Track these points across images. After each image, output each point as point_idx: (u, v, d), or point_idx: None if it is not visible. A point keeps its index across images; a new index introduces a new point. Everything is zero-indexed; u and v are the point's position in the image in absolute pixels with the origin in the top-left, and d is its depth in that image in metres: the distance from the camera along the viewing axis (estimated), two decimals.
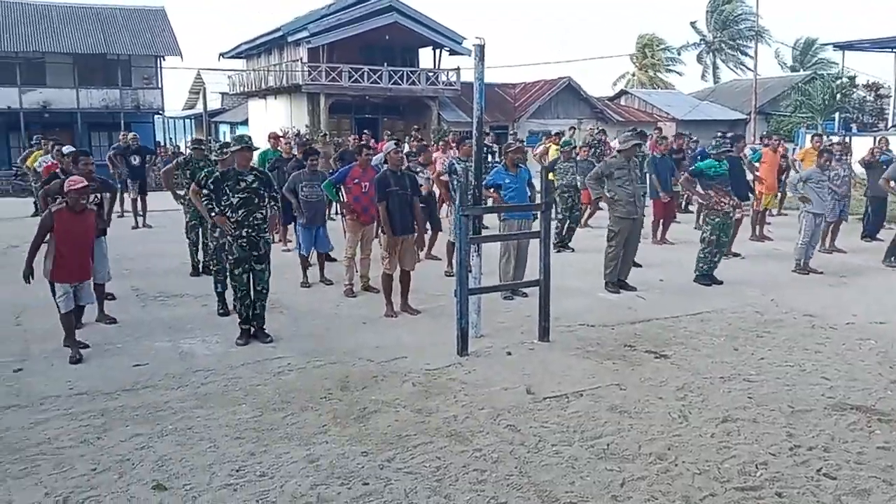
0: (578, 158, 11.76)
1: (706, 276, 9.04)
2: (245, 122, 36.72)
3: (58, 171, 10.47)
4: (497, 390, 5.41)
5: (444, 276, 9.40)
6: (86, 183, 6.19)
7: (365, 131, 16.55)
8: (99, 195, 7.14)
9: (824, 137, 15.70)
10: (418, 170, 9.47)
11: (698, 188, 9.14)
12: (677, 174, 11.46)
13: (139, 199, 13.92)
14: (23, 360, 6.12)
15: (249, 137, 6.95)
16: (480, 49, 5.99)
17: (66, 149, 10.24)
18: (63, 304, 6.12)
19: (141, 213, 13.86)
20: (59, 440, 4.57)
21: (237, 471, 4.18)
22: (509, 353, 6.28)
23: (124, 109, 29.82)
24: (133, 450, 4.43)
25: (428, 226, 9.23)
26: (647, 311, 7.80)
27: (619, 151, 8.87)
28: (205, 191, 6.69)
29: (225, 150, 7.70)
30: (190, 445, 4.50)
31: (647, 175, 12.02)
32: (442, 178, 9.99)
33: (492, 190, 8.19)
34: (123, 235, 11.93)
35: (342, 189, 8.71)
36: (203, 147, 9.95)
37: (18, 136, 27.99)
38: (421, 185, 8.58)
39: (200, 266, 9.47)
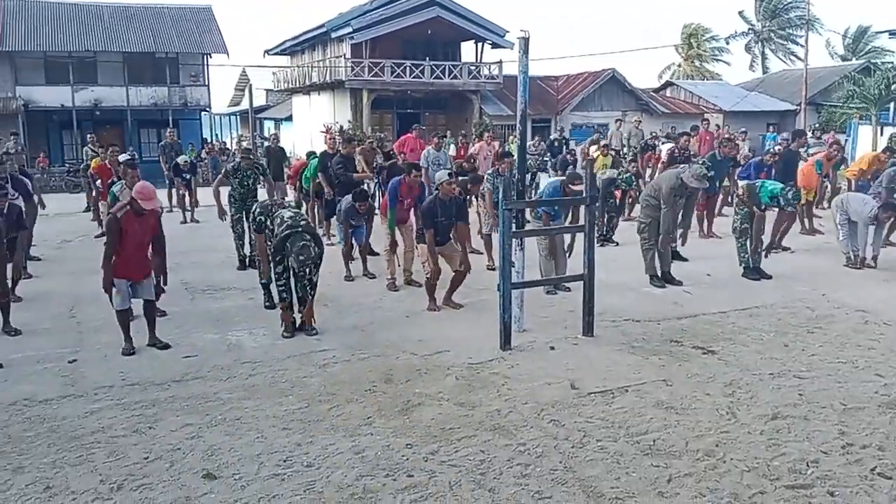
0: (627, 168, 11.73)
1: (754, 270, 8.86)
2: (289, 118, 37.19)
3: (114, 178, 10.79)
4: (540, 385, 5.39)
5: (486, 269, 9.40)
6: (155, 204, 6.30)
7: (415, 125, 16.47)
8: None
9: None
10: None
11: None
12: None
13: (187, 194, 14.22)
14: (77, 351, 6.31)
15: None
16: (525, 42, 5.95)
17: (122, 157, 10.56)
18: (118, 301, 6.25)
19: (189, 208, 14.15)
20: (113, 429, 4.70)
21: (284, 461, 4.25)
22: (552, 348, 6.25)
23: (172, 107, 30.45)
24: (183, 439, 4.54)
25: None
26: (693, 305, 7.67)
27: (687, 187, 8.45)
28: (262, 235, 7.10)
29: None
30: (238, 436, 4.59)
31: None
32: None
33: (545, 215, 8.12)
34: (172, 230, 12.16)
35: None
36: (252, 156, 10.11)
37: (71, 134, 28.84)
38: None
39: (247, 260, 9.63)
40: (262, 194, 9.90)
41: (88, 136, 17.58)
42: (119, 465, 4.21)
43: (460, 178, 8.87)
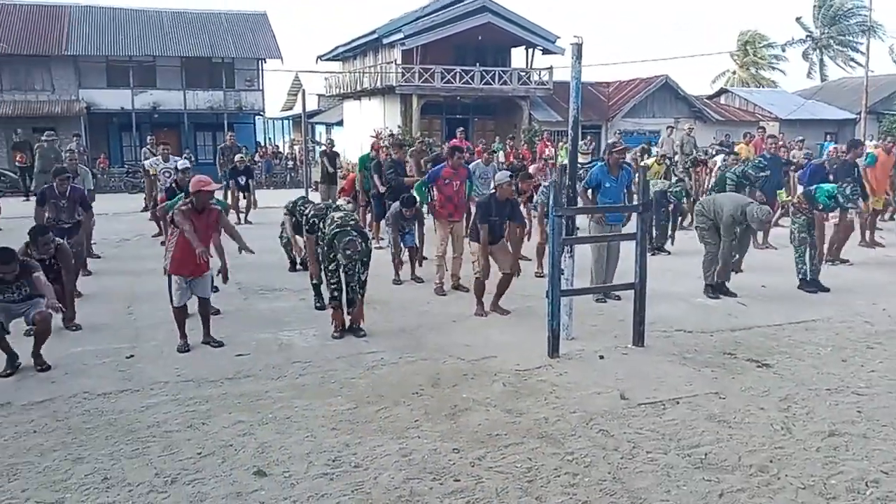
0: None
1: (812, 283, 8.63)
2: (340, 123, 37.63)
3: (174, 186, 11.09)
4: (589, 394, 5.34)
5: (535, 276, 9.35)
6: (214, 186, 6.49)
7: (460, 129, 16.59)
8: None
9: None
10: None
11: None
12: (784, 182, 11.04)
13: (241, 196, 14.51)
14: (134, 347, 6.49)
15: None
16: (578, 48, 5.93)
17: (181, 164, 10.84)
18: (177, 297, 6.41)
19: (244, 210, 14.43)
20: (168, 424, 4.82)
21: (333, 461, 4.30)
22: (602, 357, 6.19)
23: (227, 110, 31.12)
24: (235, 436, 4.62)
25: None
26: (748, 317, 7.51)
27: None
28: (313, 236, 7.28)
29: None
30: (289, 434, 4.65)
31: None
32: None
33: (589, 191, 8.05)
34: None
35: (433, 189, 8.81)
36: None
37: (130, 136, 29.69)
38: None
39: (297, 261, 9.78)
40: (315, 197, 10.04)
41: (149, 137, 18.07)
42: (173, 460, 4.31)
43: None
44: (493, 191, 7.66)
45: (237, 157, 14.89)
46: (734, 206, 8.12)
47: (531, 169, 13.31)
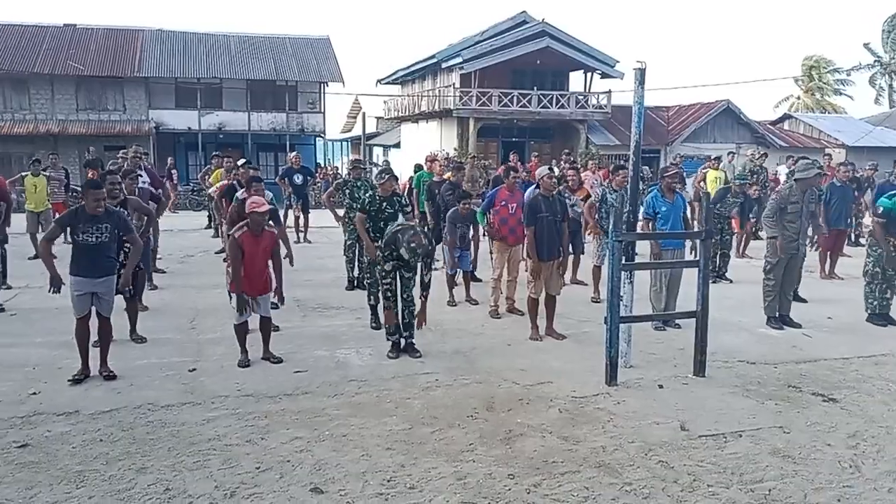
0: (750, 193, 11.27)
1: (881, 316, 8.30)
2: (397, 145, 38.11)
3: (234, 182, 11.39)
4: (648, 424, 5.23)
5: (591, 302, 9.26)
6: (268, 206, 6.64)
7: (513, 151, 16.72)
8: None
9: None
10: (566, 195, 9.42)
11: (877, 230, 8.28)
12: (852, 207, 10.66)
13: (301, 215, 14.77)
14: (196, 361, 6.64)
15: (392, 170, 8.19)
16: (641, 73, 5.89)
17: (242, 161, 11.11)
18: (238, 315, 6.56)
19: (302, 229, 14.70)
20: (228, 437, 4.91)
21: (388, 481, 4.31)
22: (661, 386, 6.06)
23: (290, 132, 31.86)
24: (293, 452, 4.68)
25: (571, 249, 9.12)
26: (813, 350, 7.27)
27: (796, 181, 8.17)
28: (364, 215, 7.59)
29: (382, 176, 8.14)
30: (345, 452, 4.69)
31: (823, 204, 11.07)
32: (593, 206, 9.73)
33: (646, 221, 7.95)
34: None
35: (489, 212, 8.83)
36: (361, 166, 10.44)
37: (196, 155, 30.65)
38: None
39: (355, 281, 9.91)
40: None
41: (212, 157, 18.49)
42: (232, 473, 4.39)
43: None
44: (536, 186, 7.66)
45: (292, 155, 15.14)
46: (781, 189, 8.19)
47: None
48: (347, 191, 9.90)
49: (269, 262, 6.64)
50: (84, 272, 6.03)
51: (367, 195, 8.16)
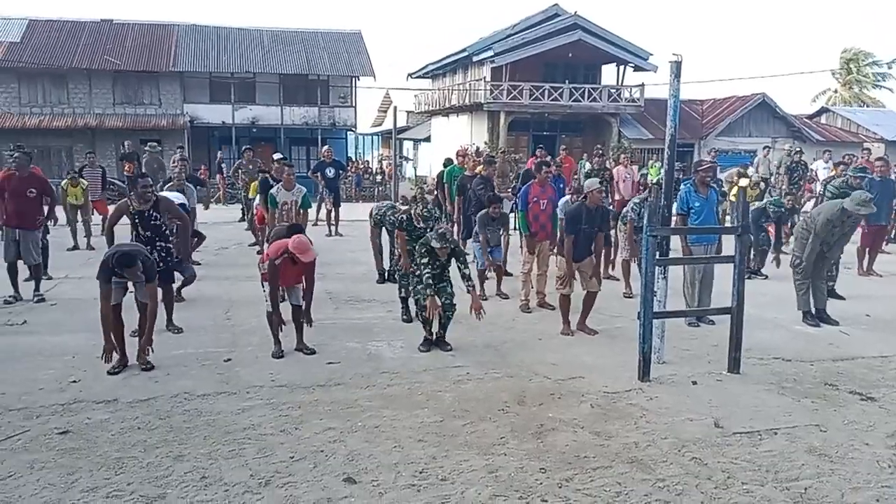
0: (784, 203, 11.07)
1: None
2: (427, 139, 38.17)
3: (268, 176, 11.53)
4: (681, 420, 5.19)
5: (623, 297, 9.20)
6: (311, 256, 6.56)
7: (540, 146, 16.59)
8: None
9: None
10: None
11: None
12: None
13: (333, 209, 14.87)
14: (231, 351, 6.74)
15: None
16: (677, 66, 5.83)
17: (277, 155, 11.23)
18: (269, 305, 6.64)
19: (334, 222, 14.81)
20: (262, 427, 4.98)
21: (420, 472, 4.34)
22: (695, 383, 6.01)
23: (321, 126, 32.08)
24: (326, 442, 4.73)
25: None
26: (851, 347, 7.14)
27: (843, 210, 7.78)
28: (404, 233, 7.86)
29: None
30: (377, 443, 4.73)
31: None
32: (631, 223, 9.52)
33: (680, 217, 7.86)
34: (318, 243, 12.80)
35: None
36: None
37: (230, 149, 31.01)
38: None
39: (386, 273, 9.96)
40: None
41: (244, 150, 18.61)
42: (267, 462, 4.45)
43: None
44: (584, 197, 7.58)
45: (325, 149, 15.25)
46: (830, 209, 7.85)
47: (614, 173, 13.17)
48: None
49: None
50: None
51: (403, 216, 8.23)
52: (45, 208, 9.17)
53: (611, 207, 9.47)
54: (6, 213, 8.89)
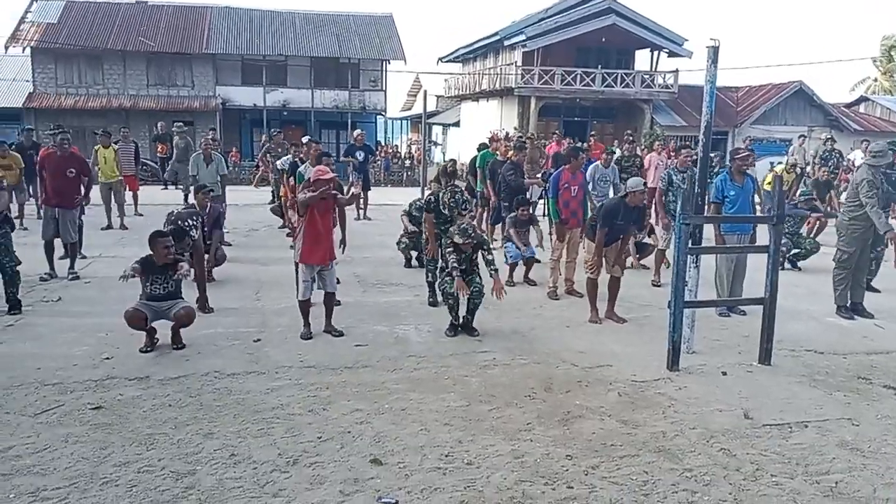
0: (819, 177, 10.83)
1: None
2: (457, 124, 38.03)
3: (297, 160, 11.57)
4: (710, 411, 5.14)
5: (651, 286, 9.11)
6: (330, 174, 6.71)
7: (554, 132, 16.63)
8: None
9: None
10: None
11: None
12: None
13: (361, 193, 14.90)
14: (261, 332, 6.81)
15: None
16: (714, 51, 5.71)
17: (305, 137, 11.29)
18: (302, 290, 6.68)
19: (362, 206, 14.85)
20: (291, 407, 5.03)
21: (446, 456, 4.35)
22: (724, 373, 5.93)
23: (351, 110, 32.18)
24: (353, 423, 4.77)
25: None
26: (885, 341, 7.01)
27: (869, 166, 7.83)
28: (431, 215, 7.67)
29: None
30: (404, 426, 4.75)
31: None
32: (661, 193, 9.43)
33: (714, 205, 7.75)
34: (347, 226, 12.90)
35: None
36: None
37: (261, 132, 31.25)
38: None
39: (413, 258, 9.98)
40: None
41: (273, 132, 18.77)
42: (295, 441, 4.50)
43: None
44: (624, 195, 7.48)
45: (357, 133, 15.29)
46: (858, 175, 7.76)
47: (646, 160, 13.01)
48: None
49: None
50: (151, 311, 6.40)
51: (432, 197, 8.12)
52: (83, 188, 9.33)
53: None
54: (45, 191, 9.07)
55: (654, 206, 9.37)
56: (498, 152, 12.26)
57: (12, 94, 29.87)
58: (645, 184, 7.78)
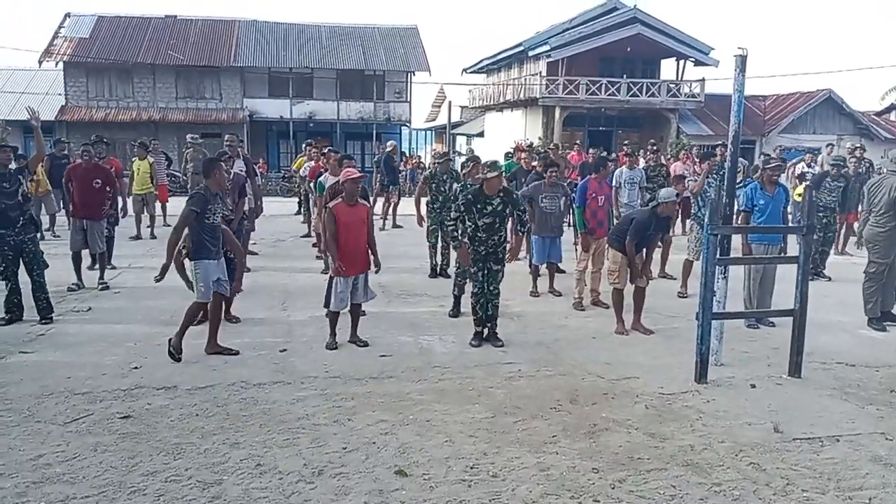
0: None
1: None
2: (481, 134, 38.07)
3: (322, 169, 11.64)
4: (739, 424, 5.06)
5: (677, 297, 9.02)
6: (361, 174, 6.76)
7: (577, 143, 16.58)
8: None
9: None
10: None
11: None
12: None
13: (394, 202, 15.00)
14: (287, 342, 6.85)
15: (500, 165, 7.55)
16: (742, 60, 5.66)
17: (326, 148, 11.36)
18: (335, 302, 6.66)
19: (389, 216, 14.93)
20: (316, 417, 5.05)
21: (471, 468, 4.33)
22: (753, 386, 5.85)
23: (377, 121, 32.39)
24: (378, 434, 4.77)
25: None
26: None
27: (892, 172, 7.77)
28: (454, 213, 7.05)
29: (477, 160, 8.13)
30: (429, 437, 4.74)
31: None
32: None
33: (743, 214, 7.66)
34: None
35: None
36: (448, 160, 10.47)
37: (287, 143, 31.57)
38: None
39: (437, 269, 9.99)
40: None
41: (304, 145, 18.88)
42: (320, 452, 4.51)
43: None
44: (656, 206, 7.40)
45: (390, 143, 15.43)
46: (887, 185, 7.58)
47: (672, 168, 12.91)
48: (434, 184, 9.94)
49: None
50: (213, 254, 6.34)
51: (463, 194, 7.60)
52: (115, 199, 9.46)
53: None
54: (73, 203, 9.21)
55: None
56: (522, 161, 12.25)
57: (45, 107, 30.44)
58: (678, 194, 7.72)
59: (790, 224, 8.51)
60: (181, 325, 6.30)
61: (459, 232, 6.94)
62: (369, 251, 6.77)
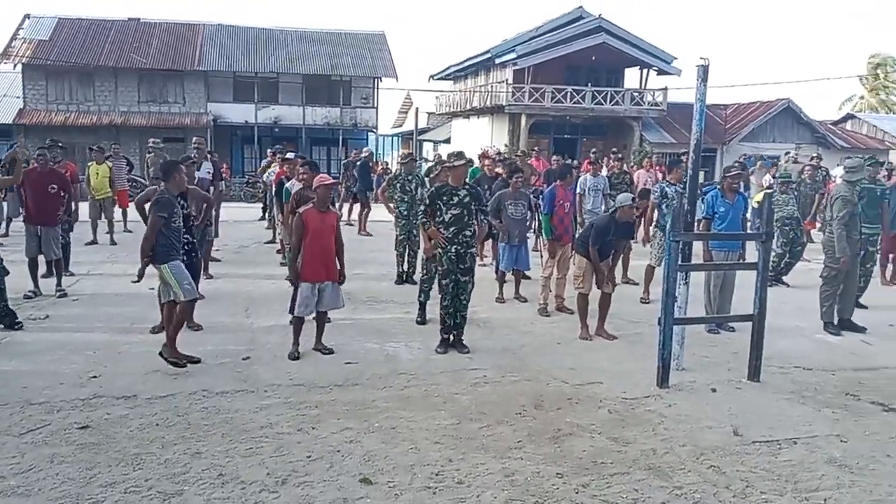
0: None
1: None
2: (447, 141, 38.16)
3: (284, 177, 11.54)
4: (700, 428, 5.15)
5: (640, 302, 9.13)
6: (332, 180, 6.74)
7: (535, 149, 16.77)
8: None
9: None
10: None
11: None
12: None
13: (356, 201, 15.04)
14: (250, 350, 6.77)
15: (468, 157, 7.52)
16: (704, 70, 5.77)
17: (289, 154, 11.25)
18: (300, 308, 6.60)
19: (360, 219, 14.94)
20: (280, 426, 5.00)
21: (436, 475, 4.33)
22: (714, 390, 5.95)
23: (343, 126, 32.24)
24: (343, 442, 4.74)
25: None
26: (873, 358, 7.05)
27: (846, 182, 7.99)
28: (422, 208, 7.09)
29: (445, 162, 8.09)
30: (394, 444, 4.73)
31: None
32: (654, 208, 9.46)
33: (704, 221, 7.80)
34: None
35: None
36: (413, 160, 10.49)
37: (252, 148, 31.26)
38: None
39: (404, 276, 9.98)
40: None
41: (269, 150, 18.74)
42: (284, 461, 4.47)
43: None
44: (614, 211, 7.50)
45: (365, 150, 15.46)
46: (837, 191, 7.94)
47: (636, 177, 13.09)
48: (398, 184, 9.95)
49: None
50: (180, 255, 6.30)
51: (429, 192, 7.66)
52: (69, 204, 9.25)
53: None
54: (27, 209, 8.96)
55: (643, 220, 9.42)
56: (485, 168, 12.32)
57: (2, 110, 29.79)
58: (634, 198, 7.82)
59: (749, 231, 8.65)
60: (171, 331, 6.17)
61: (430, 223, 6.94)
62: (337, 260, 6.74)
